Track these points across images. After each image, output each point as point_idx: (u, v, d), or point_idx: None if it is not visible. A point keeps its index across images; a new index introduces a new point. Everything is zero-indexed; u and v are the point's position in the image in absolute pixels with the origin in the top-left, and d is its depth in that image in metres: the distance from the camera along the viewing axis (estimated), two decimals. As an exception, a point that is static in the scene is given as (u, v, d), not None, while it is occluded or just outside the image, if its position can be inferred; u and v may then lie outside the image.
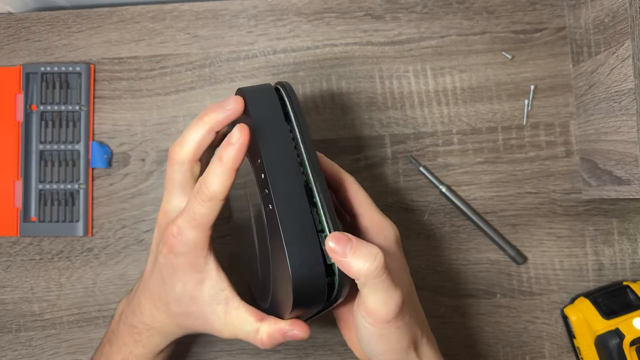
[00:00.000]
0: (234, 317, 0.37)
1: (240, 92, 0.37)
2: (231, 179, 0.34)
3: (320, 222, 0.34)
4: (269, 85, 0.38)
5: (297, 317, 0.37)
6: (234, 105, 0.36)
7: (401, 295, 0.34)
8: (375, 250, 0.33)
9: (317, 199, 0.34)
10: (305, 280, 0.32)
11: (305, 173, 0.35)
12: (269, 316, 0.37)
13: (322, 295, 0.33)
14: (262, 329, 0.37)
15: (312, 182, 0.34)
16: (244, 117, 0.36)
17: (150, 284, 0.40)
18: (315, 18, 0.52)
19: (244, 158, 0.34)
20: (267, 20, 0.52)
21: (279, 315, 0.37)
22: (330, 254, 0.33)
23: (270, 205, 0.34)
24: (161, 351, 0.41)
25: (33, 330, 0.50)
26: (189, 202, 0.36)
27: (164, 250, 0.37)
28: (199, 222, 0.36)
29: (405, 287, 0.37)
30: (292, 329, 0.36)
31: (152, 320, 0.40)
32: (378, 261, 0.32)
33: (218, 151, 0.34)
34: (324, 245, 0.33)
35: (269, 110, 0.36)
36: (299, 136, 0.36)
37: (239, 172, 0.34)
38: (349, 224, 0.41)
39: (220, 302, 0.37)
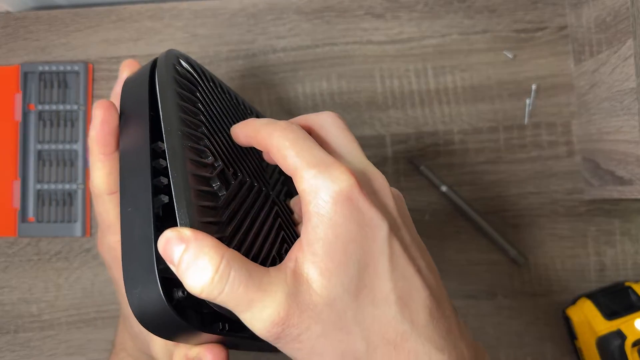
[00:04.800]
0: (159, 339, 0.31)
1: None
2: (104, 167, 0.30)
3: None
4: (144, 68, 0.32)
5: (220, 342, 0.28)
6: (100, 116, 0.30)
7: (272, 313, 0.24)
8: (205, 262, 0.23)
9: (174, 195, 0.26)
10: (145, 310, 0.24)
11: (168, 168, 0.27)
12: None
13: (173, 324, 0.24)
14: (175, 353, 0.29)
15: (171, 177, 0.26)
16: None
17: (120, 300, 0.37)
18: (315, 17, 0.52)
19: (112, 139, 0.29)
20: (267, 18, 0.52)
21: None
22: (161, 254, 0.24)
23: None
24: None
25: (31, 331, 0.50)
26: None
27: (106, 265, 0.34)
28: (106, 224, 0.32)
29: (332, 281, 0.25)
30: (199, 353, 0.28)
31: (123, 340, 0.37)
32: (205, 278, 0.23)
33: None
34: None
35: (130, 100, 0.30)
36: (162, 124, 0.28)
37: None
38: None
39: None
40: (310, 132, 0.30)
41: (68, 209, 0.50)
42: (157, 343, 0.31)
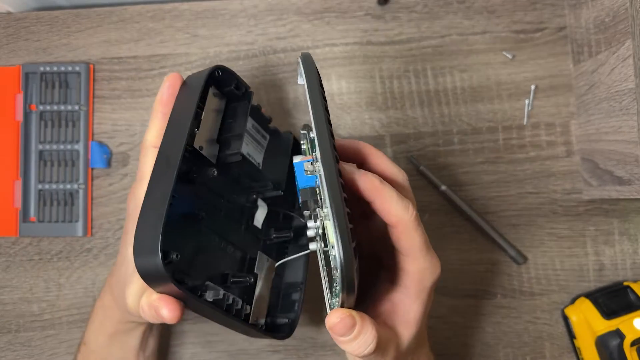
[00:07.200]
0: (135, 286, 0.35)
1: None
2: (159, 123, 0.36)
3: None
4: (204, 71, 0.37)
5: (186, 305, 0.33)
6: (168, 81, 0.37)
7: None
8: (370, 339, 0.31)
9: None
10: (143, 253, 0.30)
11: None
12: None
13: (157, 275, 0.30)
14: (144, 294, 0.34)
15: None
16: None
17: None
18: (315, 17, 0.52)
19: (172, 102, 0.36)
20: (267, 19, 0.52)
21: None
22: (327, 327, 0.31)
23: None
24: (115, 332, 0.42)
25: (32, 330, 0.50)
26: None
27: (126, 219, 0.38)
28: (141, 175, 0.36)
29: (417, 338, 0.35)
30: (158, 305, 0.32)
31: (103, 298, 0.42)
32: (369, 350, 0.31)
33: None
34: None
35: (189, 89, 0.36)
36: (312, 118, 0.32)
37: None
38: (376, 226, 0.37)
39: None
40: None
41: (69, 209, 0.50)
42: (133, 288, 0.35)
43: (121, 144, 0.51)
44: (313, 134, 0.31)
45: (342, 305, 0.30)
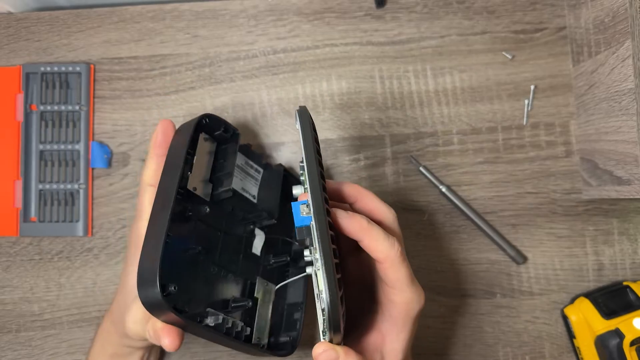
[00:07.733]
0: (137, 313, 0.38)
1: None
2: (154, 164, 0.40)
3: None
4: (192, 120, 0.41)
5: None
6: (160, 126, 0.41)
7: None
8: None
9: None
10: (144, 287, 0.33)
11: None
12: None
13: (158, 306, 0.33)
14: (150, 322, 0.37)
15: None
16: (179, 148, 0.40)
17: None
18: (315, 18, 0.52)
19: (166, 146, 0.40)
20: (267, 20, 0.52)
21: None
22: (313, 356, 0.33)
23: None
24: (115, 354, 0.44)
25: (33, 330, 0.50)
26: None
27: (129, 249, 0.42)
28: (140, 210, 0.40)
29: None
30: (161, 335, 0.36)
31: (104, 322, 0.45)
32: None
33: None
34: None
35: (180, 137, 0.40)
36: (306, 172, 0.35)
37: None
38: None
39: None
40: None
41: (70, 209, 0.50)
42: (134, 315, 0.38)
43: (121, 144, 0.51)
44: (306, 186, 0.34)
45: (330, 341, 0.33)
